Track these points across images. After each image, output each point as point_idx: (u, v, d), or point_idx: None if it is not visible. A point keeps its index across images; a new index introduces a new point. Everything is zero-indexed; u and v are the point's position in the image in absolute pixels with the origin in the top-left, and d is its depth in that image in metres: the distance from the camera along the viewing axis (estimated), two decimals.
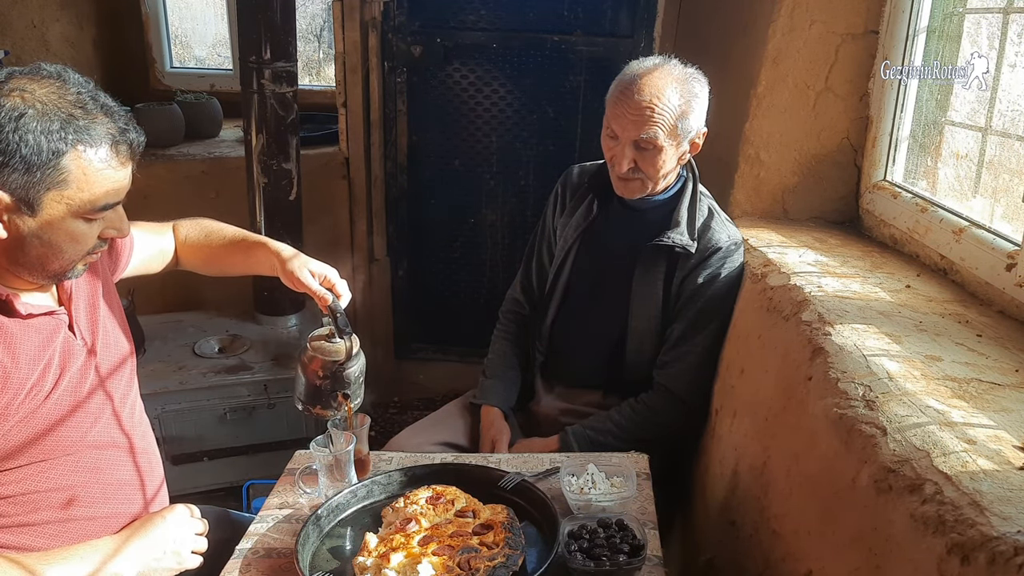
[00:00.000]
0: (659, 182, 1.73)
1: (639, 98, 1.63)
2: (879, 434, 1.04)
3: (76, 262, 1.14)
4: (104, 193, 1.09)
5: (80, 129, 1.05)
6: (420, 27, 2.81)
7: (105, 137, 1.07)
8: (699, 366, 1.77)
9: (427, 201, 3.05)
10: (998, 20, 1.55)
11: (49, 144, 1.02)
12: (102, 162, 1.07)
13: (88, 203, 1.08)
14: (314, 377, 1.39)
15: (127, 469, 1.30)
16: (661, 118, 1.63)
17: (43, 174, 1.03)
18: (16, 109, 1.01)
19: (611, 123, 1.69)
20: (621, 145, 1.68)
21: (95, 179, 1.07)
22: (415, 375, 3.29)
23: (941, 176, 1.77)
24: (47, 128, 1.02)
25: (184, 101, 3.13)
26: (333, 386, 1.39)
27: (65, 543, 1.18)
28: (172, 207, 2.84)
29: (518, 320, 2.03)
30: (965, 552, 0.82)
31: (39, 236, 1.07)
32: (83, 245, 1.12)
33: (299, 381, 1.42)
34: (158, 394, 2.34)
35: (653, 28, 2.72)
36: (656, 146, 1.65)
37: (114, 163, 1.09)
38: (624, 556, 1.18)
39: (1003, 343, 1.29)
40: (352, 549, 1.28)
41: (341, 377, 1.39)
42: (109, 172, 1.09)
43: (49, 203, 1.05)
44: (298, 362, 1.42)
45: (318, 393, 1.40)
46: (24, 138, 1.01)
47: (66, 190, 1.05)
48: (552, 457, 1.55)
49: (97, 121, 1.07)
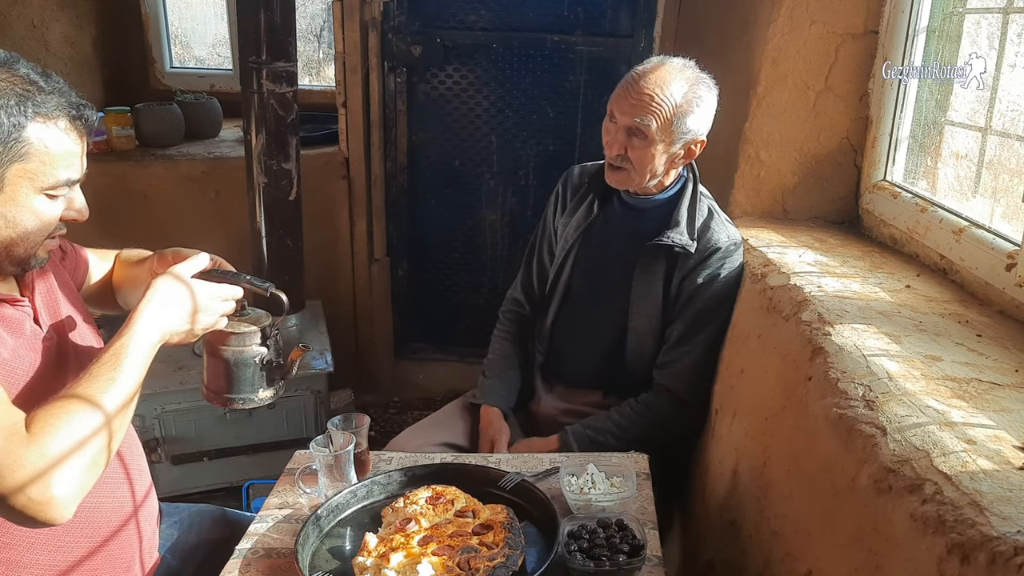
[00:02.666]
0: (645, 176, 1.73)
1: (643, 83, 1.65)
2: (879, 434, 1.04)
3: (39, 245, 1.15)
4: (65, 166, 1.11)
5: (38, 103, 1.07)
6: (420, 27, 2.81)
7: (62, 109, 1.09)
8: (699, 366, 1.77)
9: (427, 201, 3.05)
10: (998, 20, 1.55)
11: (9, 119, 1.04)
12: (62, 133, 1.10)
13: (50, 177, 1.09)
14: (246, 360, 1.30)
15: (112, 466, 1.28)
16: (658, 108, 1.64)
17: (5, 148, 1.04)
18: None
19: (612, 105, 1.71)
20: (616, 128, 1.70)
21: (55, 152, 1.09)
22: (415, 375, 3.29)
23: (941, 176, 1.77)
24: (5, 104, 1.04)
25: (184, 101, 3.13)
26: (276, 357, 1.32)
27: (50, 539, 1.17)
28: (172, 207, 2.87)
29: (518, 320, 2.03)
30: (965, 552, 0.82)
31: (4, 215, 1.08)
32: (46, 225, 1.13)
33: (238, 371, 1.31)
34: (158, 394, 2.34)
35: (653, 28, 2.72)
36: (647, 135, 1.66)
37: (73, 136, 1.11)
38: (624, 556, 1.18)
39: (1003, 343, 1.29)
40: (352, 549, 1.28)
41: (279, 343, 1.33)
42: (68, 145, 1.11)
43: (12, 179, 1.07)
44: (222, 355, 1.30)
45: (264, 371, 1.32)
46: None
47: (28, 163, 1.07)
48: (552, 457, 1.55)
49: (52, 96, 1.09)
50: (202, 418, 2.41)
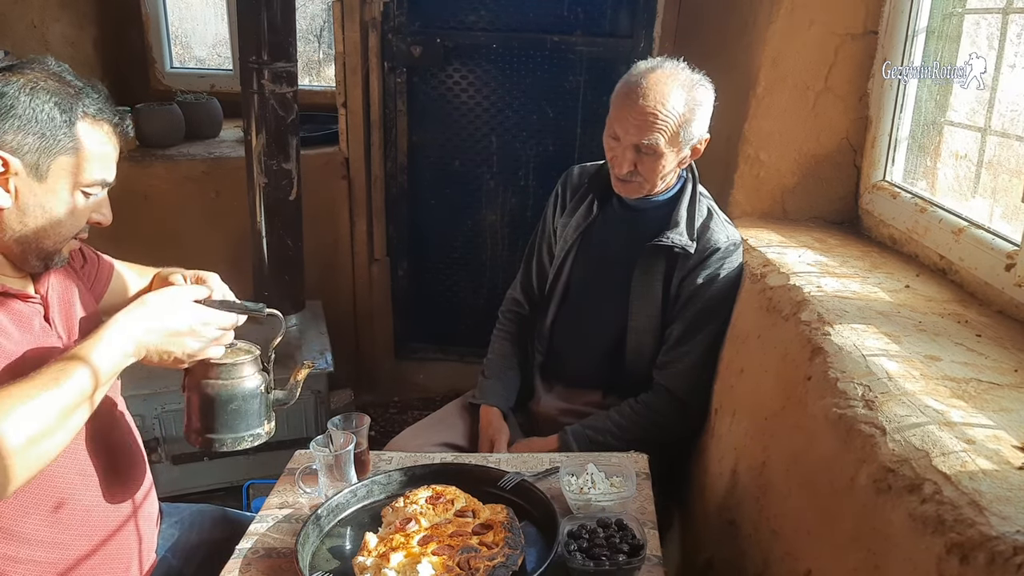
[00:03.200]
0: (657, 184, 1.73)
1: (643, 103, 1.62)
2: (878, 434, 1.04)
3: (66, 242, 1.19)
4: (103, 167, 1.18)
5: (87, 105, 1.15)
6: (420, 27, 2.82)
7: (106, 114, 1.18)
8: (698, 366, 1.77)
9: (427, 201, 3.05)
10: (997, 20, 1.55)
11: (62, 115, 1.12)
12: (104, 136, 1.18)
13: (89, 174, 1.16)
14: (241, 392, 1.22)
15: (111, 466, 1.29)
16: (664, 124, 1.63)
17: (55, 140, 1.11)
18: (30, 83, 1.11)
19: (614, 124, 1.68)
20: (622, 147, 1.68)
21: (97, 151, 1.16)
22: (415, 375, 3.29)
23: (940, 176, 1.77)
24: (59, 101, 1.12)
25: (184, 101, 3.13)
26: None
27: (47, 537, 1.17)
28: (172, 207, 2.87)
29: (518, 320, 2.03)
30: (964, 552, 0.82)
31: (42, 205, 1.13)
32: (78, 222, 1.18)
33: (224, 408, 1.22)
34: (158, 394, 2.34)
35: (653, 28, 2.72)
36: (657, 152, 1.65)
37: (113, 140, 1.20)
38: (623, 556, 1.18)
39: (1002, 343, 1.29)
40: (352, 549, 1.28)
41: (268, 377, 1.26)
42: (108, 148, 1.19)
43: (56, 171, 1.12)
44: (202, 393, 1.22)
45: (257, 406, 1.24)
46: (40, 107, 1.10)
47: (73, 158, 1.13)
48: (552, 457, 1.55)
49: (98, 101, 1.18)
50: None
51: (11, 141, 1.08)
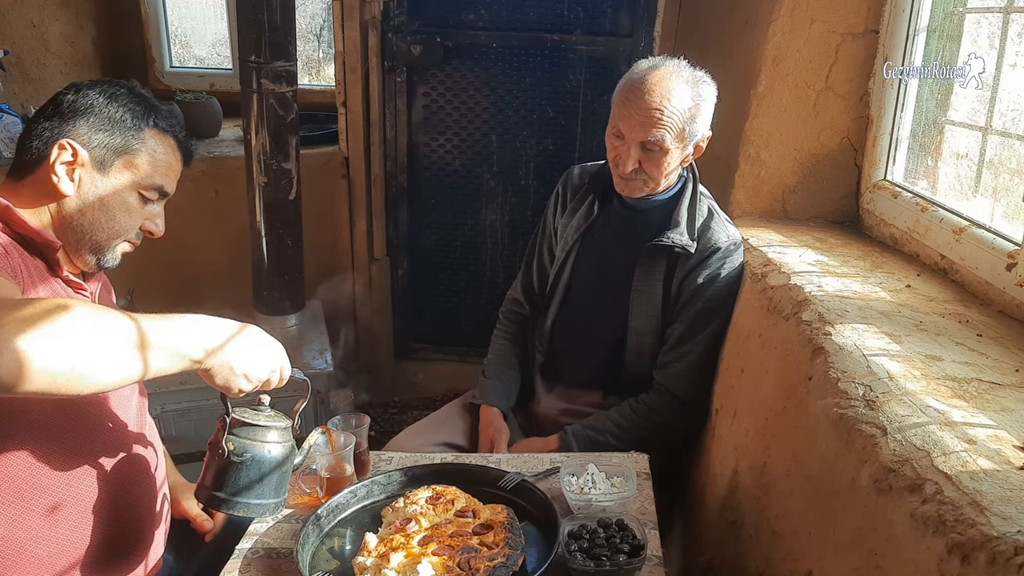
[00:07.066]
0: (661, 182, 1.73)
1: (648, 99, 1.62)
2: (879, 434, 1.04)
3: (118, 240, 1.26)
4: (163, 175, 1.27)
5: (158, 118, 1.27)
6: (420, 27, 2.81)
7: (174, 131, 1.30)
8: (699, 366, 1.77)
9: (427, 201, 3.05)
10: (998, 20, 1.55)
11: (134, 119, 1.24)
12: (169, 147, 1.28)
13: (149, 178, 1.25)
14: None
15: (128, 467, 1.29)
16: (670, 121, 1.63)
17: (123, 139, 1.22)
18: (110, 88, 1.24)
19: (618, 123, 1.68)
20: (627, 145, 1.67)
21: (160, 159, 1.26)
22: (415, 375, 3.29)
23: (941, 176, 1.77)
24: (134, 108, 1.24)
25: (184, 101, 3.13)
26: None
27: (54, 535, 1.18)
28: (172, 206, 2.86)
29: (518, 320, 2.03)
30: (965, 552, 0.81)
31: (101, 198, 1.22)
32: (131, 221, 1.26)
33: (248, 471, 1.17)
34: (158, 394, 2.33)
35: (653, 28, 2.72)
36: (663, 148, 1.65)
37: (176, 154, 1.30)
38: (624, 556, 1.18)
39: (1003, 343, 1.29)
40: (352, 549, 1.28)
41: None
42: (171, 160, 1.29)
43: (119, 167, 1.22)
44: (224, 458, 1.16)
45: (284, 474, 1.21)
46: (116, 108, 1.22)
47: (136, 158, 1.23)
48: (552, 457, 1.55)
49: (169, 119, 1.30)
50: (202, 418, 2.40)
51: (84, 135, 1.19)
